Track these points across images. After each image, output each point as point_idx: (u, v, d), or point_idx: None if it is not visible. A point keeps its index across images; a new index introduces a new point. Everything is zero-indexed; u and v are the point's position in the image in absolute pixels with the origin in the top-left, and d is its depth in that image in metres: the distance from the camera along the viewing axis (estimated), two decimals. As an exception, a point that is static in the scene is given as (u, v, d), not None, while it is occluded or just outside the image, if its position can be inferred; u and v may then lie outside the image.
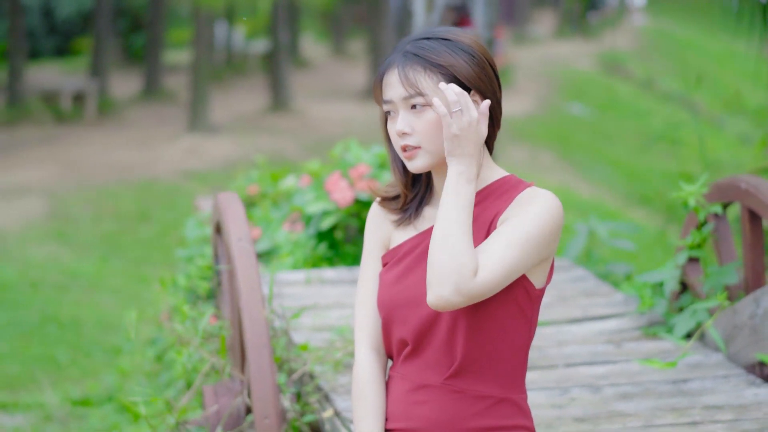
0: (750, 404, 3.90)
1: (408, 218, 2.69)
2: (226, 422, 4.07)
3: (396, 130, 2.55)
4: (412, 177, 2.70)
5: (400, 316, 2.61)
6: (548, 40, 38.20)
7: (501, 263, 2.45)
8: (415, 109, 2.54)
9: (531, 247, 2.49)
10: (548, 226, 2.51)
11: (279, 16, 22.46)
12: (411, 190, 2.69)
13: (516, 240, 2.48)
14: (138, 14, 31.52)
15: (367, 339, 2.72)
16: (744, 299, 4.25)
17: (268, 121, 20.60)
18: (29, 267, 10.99)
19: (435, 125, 2.53)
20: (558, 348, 4.58)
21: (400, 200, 2.70)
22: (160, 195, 14.23)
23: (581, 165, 19.27)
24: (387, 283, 2.65)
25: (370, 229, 2.76)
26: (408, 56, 2.56)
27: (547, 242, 2.52)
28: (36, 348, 8.68)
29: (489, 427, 2.60)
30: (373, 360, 2.70)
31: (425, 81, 2.53)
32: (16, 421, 6.96)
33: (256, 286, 3.91)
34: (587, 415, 3.88)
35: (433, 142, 2.54)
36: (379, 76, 2.61)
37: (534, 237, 2.49)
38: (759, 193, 4.21)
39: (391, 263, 2.67)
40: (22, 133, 19.55)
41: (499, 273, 2.45)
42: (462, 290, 2.42)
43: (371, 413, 2.67)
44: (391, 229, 2.72)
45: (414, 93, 2.53)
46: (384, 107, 2.60)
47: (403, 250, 2.66)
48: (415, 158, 2.56)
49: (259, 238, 6.10)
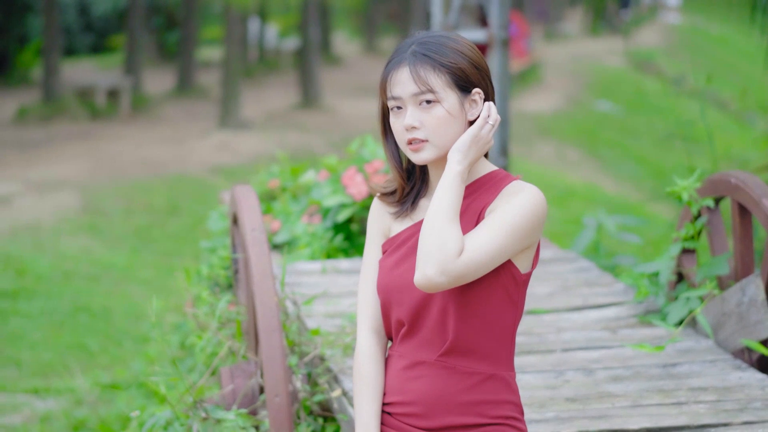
0: (733, 386, 4.13)
1: (405, 210, 2.91)
2: (241, 401, 4.34)
3: (405, 124, 2.76)
4: (408, 171, 2.95)
5: (397, 298, 2.84)
6: (580, 37, 38.31)
7: (485, 247, 2.68)
8: (424, 106, 2.75)
9: (514, 234, 2.72)
10: (531, 215, 2.74)
11: (309, 13, 22.72)
12: (408, 183, 2.93)
13: (500, 227, 2.71)
14: (172, 12, 31.87)
15: (368, 321, 2.95)
16: (731, 288, 4.48)
17: (297, 118, 20.86)
18: (62, 259, 11.29)
19: (443, 121, 2.76)
20: (557, 334, 4.81)
21: (397, 194, 2.93)
22: (190, 189, 14.53)
23: (607, 161, 19.40)
24: (385, 269, 2.89)
25: (371, 220, 2.99)
26: (418, 56, 2.77)
27: (530, 230, 2.75)
28: (68, 336, 8.96)
29: (478, 401, 2.82)
30: (373, 340, 2.94)
31: (435, 79, 2.76)
32: (47, 405, 7.25)
33: (268, 273, 4.16)
34: (578, 395, 4.12)
35: (440, 136, 2.76)
36: (387, 73, 2.81)
37: (517, 225, 2.72)
38: (747, 188, 4.43)
39: (389, 251, 2.90)
40: (58, 129, 19.89)
41: (483, 255, 2.68)
42: (446, 270, 2.65)
43: (369, 388, 2.90)
44: (391, 221, 2.94)
45: (425, 90, 2.74)
46: (390, 103, 2.80)
47: (401, 239, 2.89)
48: (421, 151, 2.78)
49: (278, 230, 6.36)
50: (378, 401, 2.89)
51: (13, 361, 8.27)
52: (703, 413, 3.90)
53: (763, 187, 4.40)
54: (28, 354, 8.44)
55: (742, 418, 3.85)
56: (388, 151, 2.91)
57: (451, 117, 2.76)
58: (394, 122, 2.81)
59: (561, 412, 3.97)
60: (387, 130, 2.90)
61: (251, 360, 4.46)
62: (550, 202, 14.43)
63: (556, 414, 3.95)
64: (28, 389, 7.60)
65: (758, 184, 4.43)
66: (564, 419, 3.90)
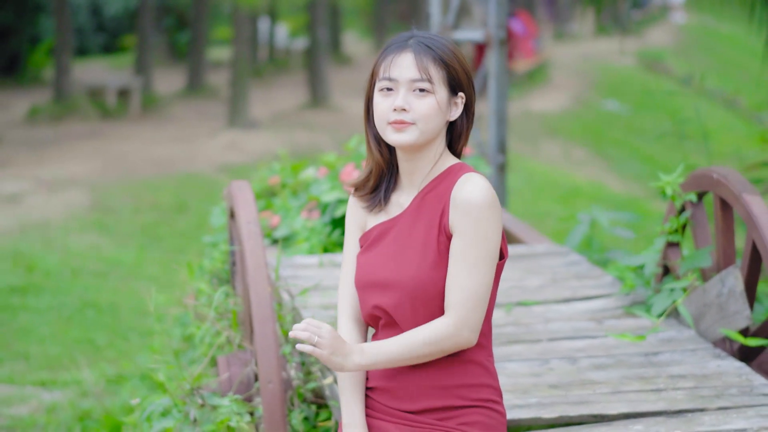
0: (711, 374, 4.27)
1: (377, 204, 3.05)
2: (237, 388, 4.49)
3: (396, 104, 2.89)
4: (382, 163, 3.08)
5: (371, 294, 2.99)
6: (589, 37, 38.39)
7: (476, 293, 2.87)
8: (418, 93, 2.89)
9: (491, 261, 2.88)
10: (493, 235, 2.88)
11: (318, 13, 22.89)
12: (386, 165, 3.03)
13: (475, 266, 2.86)
14: (183, 12, 32.09)
15: (347, 310, 3.10)
16: (712, 279, 4.62)
17: (305, 117, 21.03)
18: (71, 255, 11.47)
19: (433, 111, 2.90)
20: (544, 325, 4.96)
21: (372, 180, 3.07)
22: (198, 188, 14.70)
23: (614, 160, 19.50)
24: (360, 265, 3.03)
25: (348, 216, 3.13)
26: (422, 46, 2.92)
27: (498, 241, 2.90)
28: (75, 331, 9.12)
29: (457, 385, 2.96)
30: (353, 329, 3.08)
31: (435, 71, 2.91)
32: (54, 396, 7.42)
33: (262, 264, 4.32)
34: (562, 382, 4.26)
35: (428, 123, 2.90)
36: (387, 55, 2.94)
37: (490, 251, 2.87)
38: (728, 183, 4.57)
39: (364, 247, 3.05)
40: (68, 128, 20.09)
41: (477, 299, 2.87)
42: (464, 344, 2.90)
43: (351, 375, 3.03)
44: (366, 215, 3.09)
45: (425, 78, 2.89)
46: (382, 83, 2.92)
47: (375, 234, 3.03)
48: (405, 131, 2.90)
49: (278, 225, 6.52)
50: (361, 387, 3.03)
51: (21, 354, 8.44)
52: (680, 399, 4.04)
53: (743, 183, 4.53)
54: (36, 348, 8.61)
55: (717, 404, 3.98)
56: (371, 133, 3.02)
57: (439, 109, 2.91)
58: (380, 102, 2.92)
59: (543, 398, 4.11)
60: (371, 113, 3.01)
61: (247, 349, 4.61)
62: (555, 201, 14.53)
63: (539, 400, 4.09)
64: (35, 381, 7.77)
65: (738, 179, 4.56)
66: (546, 405, 4.04)
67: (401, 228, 2.97)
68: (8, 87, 25.82)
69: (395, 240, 2.97)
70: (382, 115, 2.93)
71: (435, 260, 2.89)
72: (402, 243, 2.95)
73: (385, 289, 2.95)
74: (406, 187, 3.01)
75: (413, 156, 2.96)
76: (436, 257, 2.89)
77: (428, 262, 2.90)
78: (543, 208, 14.57)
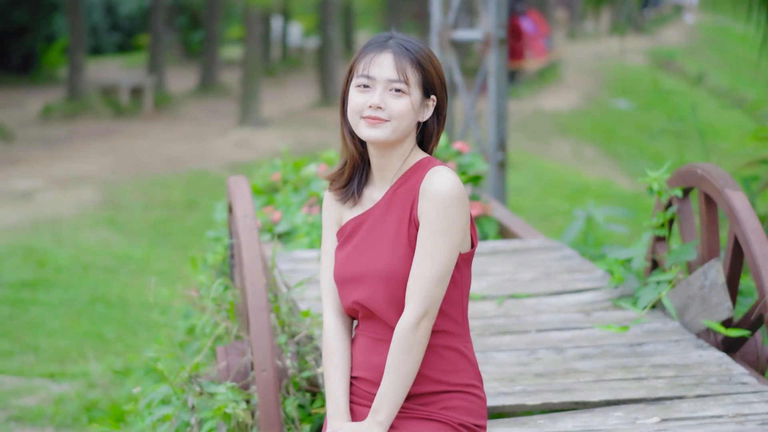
0: (693, 364, 4.40)
1: (351, 197, 3.18)
2: (234, 377, 4.63)
3: (372, 102, 3.02)
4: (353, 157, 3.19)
5: (349, 288, 3.13)
6: (602, 36, 38.44)
7: (427, 286, 2.99)
8: (393, 93, 3.03)
9: (448, 252, 3.00)
10: (455, 226, 3.00)
11: (329, 13, 23.04)
12: (360, 158, 3.16)
13: (431, 259, 2.98)
14: (196, 11, 32.29)
15: (331, 304, 3.23)
16: (695, 272, 4.75)
17: (316, 116, 21.18)
18: (82, 251, 11.64)
19: (406, 110, 3.04)
20: (534, 316, 5.09)
21: (345, 173, 3.19)
22: (207, 185, 14.86)
23: (624, 159, 19.59)
24: (338, 261, 3.17)
25: (324, 211, 3.27)
26: (401, 48, 3.06)
27: (460, 234, 3.02)
28: (85, 325, 9.28)
29: (437, 371, 3.09)
30: (338, 321, 3.21)
31: (411, 73, 3.05)
32: (62, 388, 7.58)
33: (257, 256, 4.45)
34: (547, 371, 4.39)
35: (401, 121, 3.04)
36: (366, 53, 3.06)
37: (448, 244, 2.99)
38: (712, 179, 4.69)
39: (341, 241, 3.18)
40: (81, 126, 20.29)
41: (428, 293, 2.99)
42: (429, 325, 3.03)
43: (337, 365, 3.17)
44: (342, 210, 3.22)
45: (402, 79, 3.03)
46: (359, 80, 3.05)
47: (350, 228, 3.16)
48: (379, 127, 3.04)
49: (279, 220, 6.66)
50: (345, 376, 3.17)
51: (31, 347, 8.61)
52: (660, 387, 4.17)
53: (726, 178, 4.65)
54: (46, 341, 8.77)
55: (696, 392, 4.11)
56: (345, 127, 3.15)
57: (412, 110, 3.05)
58: (356, 97, 3.05)
59: (528, 386, 4.24)
60: (346, 107, 3.13)
61: (244, 339, 4.76)
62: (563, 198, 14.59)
63: (524, 388, 4.22)
64: (44, 374, 7.92)
65: (722, 175, 4.68)
66: (530, 392, 4.18)
67: (373, 221, 3.11)
68: (23, 85, 26.07)
69: (368, 233, 3.10)
70: (355, 109, 3.05)
71: (406, 251, 3.03)
72: (375, 235, 3.09)
73: (360, 282, 3.08)
74: (378, 182, 3.15)
75: (385, 152, 3.09)
76: (407, 248, 3.03)
77: (399, 253, 3.03)
78: (551, 205, 14.69)
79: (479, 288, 5.49)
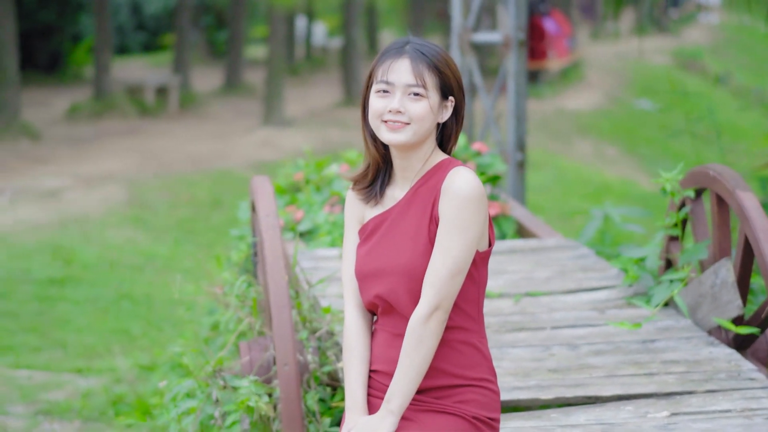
0: (703, 360, 4.52)
1: (374, 197, 3.31)
2: (257, 371, 4.77)
3: (392, 107, 3.14)
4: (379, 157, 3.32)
5: (370, 283, 3.24)
6: (626, 36, 38.43)
7: (441, 280, 3.09)
8: (412, 97, 3.15)
9: (465, 250, 3.11)
10: (473, 225, 3.11)
11: (352, 12, 23.19)
12: (382, 160, 3.28)
13: (448, 254, 3.09)
14: (221, 11, 32.49)
15: (352, 300, 3.35)
16: (707, 271, 4.86)
17: (339, 115, 21.33)
18: (108, 249, 11.82)
19: (426, 112, 3.16)
20: (549, 314, 5.22)
21: (370, 174, 3.32)
22: (232, 184, 15.03)
23: (646, 159, 19.64)
24: (359, 257, 3.29)
25: (347, 209, 3.39)
26: (418, 53, 3.18)
27: (477, 233, 3.13)
28: (111, 321, 9.45)
29: (453, 365, 3.20)
30: (358, 316, 3.33)
31: (428, 77, 3.17)
32: (89, 383, 7.75)
33: (279, 255, 4.59)
34: (560, 367, 4.52)
35: (421, 124, 3.16)
36: (385, 59, 3.19)
37: (465, 242, 3.10)
38: (723, 180, 4.81)
39: (363, 238, 3.30)
40: (108, 125, 20.49)
41: (442, 286, 3.10)
42: (444, 317, 3.13)
43: (356, 358, 3.29)
44: (364, 208, 3.34)
45: (420, 83, 3.15)
46: (379, 86, 3.17)
47: (372, 226, 3.28)
48: (400, 131, 3.16)
49: (302, 219, 6.81)
50: (364, 369, 3.28)
51: (59, 343, 8.78)
52: (671, 382, 4.29)
53: (736, 179, 4.77)
54: (73, 337, 8.94)
55: (706, 387, 4.24)
56: (367, 130, 3.27)
57: (431, 112, 3.18)
58: (376, 102, 3.17)
59: (542, 380, 4.37)
60: (368, 112, 3.25)
61: (267, 335, 4.90)
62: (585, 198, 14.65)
63: (538, 382, 4.35)
64: (72, 369, 8.09)
65: (733, 176, 4.80)
66: (544, 387, 4.31)
67: (395, 219, 3.23)
68: (49, 85, 26.31)
69: (390, 230, 3.22)
70: (376, 114, 3.17)
71: (426, 247, 3.15)
72: (396, 232, 3.21)
73: (381, 278, 3.20)
74: (400, 182, 3.27)
75: (406, 154, 3.22)
76: (426, 244, 3.15)
77: (419, 249, 3.15)
78: (572, 204, 14.79)
79: (496, 285, 5.61)
